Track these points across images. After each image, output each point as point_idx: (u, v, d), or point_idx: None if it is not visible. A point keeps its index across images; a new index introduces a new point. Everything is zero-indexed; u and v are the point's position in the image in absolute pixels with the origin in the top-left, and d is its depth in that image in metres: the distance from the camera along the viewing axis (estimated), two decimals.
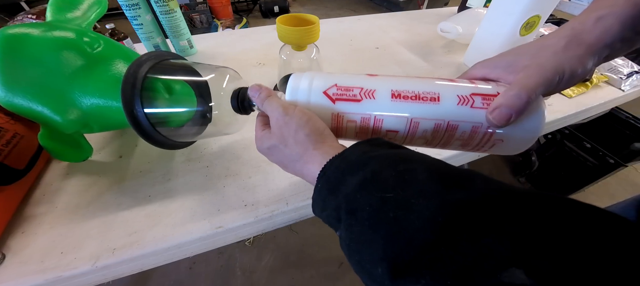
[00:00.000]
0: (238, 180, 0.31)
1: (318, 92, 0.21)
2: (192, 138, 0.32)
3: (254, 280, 0.87)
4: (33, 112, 0.26)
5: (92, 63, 0.28)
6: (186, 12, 2.09)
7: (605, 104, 0.47)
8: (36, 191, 0.30)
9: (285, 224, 0.30)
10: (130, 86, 0.23)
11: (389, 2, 2.98)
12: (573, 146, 0.98)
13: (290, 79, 0.22)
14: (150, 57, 0.27)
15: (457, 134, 0.20)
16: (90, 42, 0.29)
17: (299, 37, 0.36)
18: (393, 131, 0.21)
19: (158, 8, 0.49)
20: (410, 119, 0.20)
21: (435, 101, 0.19)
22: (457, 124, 0.19)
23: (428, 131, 0.20)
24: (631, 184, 1.18)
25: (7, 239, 0.26)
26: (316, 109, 0.21)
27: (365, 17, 0.78)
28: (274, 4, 2.53)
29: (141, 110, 0.24)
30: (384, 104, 0.20)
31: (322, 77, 0.22)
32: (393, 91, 0.20)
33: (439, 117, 0.19)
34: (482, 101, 0.19)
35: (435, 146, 0.22)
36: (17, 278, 0.23)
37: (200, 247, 0.28)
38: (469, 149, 0.21)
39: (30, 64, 0.26)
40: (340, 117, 0.21)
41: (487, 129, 0.19)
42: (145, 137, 0.25)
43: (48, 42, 0.27)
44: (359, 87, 0.20)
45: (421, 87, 0.20)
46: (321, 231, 1.00)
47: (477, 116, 0.19)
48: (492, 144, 0.20)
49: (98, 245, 0.25)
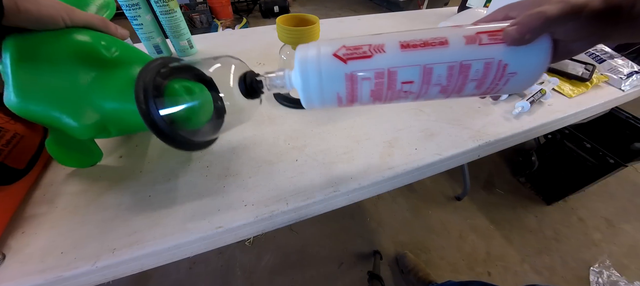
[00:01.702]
0: (238, 180, 0.31)
1: (328, 55, 0.21)
2: (212, 135, 0.32)
3: (254, 280, 0.87)
4: (49, 118, 0.25)
5: (111, 67, 0.27)
6: (186, 12, 2.09)
7: (605, 104, 0.47)
8: (36, 191, 0.30)
9: (285, 224, 0.30)
10: (142, 89, 0.23)
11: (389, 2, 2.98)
12: (573, 146, 0.98)
13: (297, 51, 0.22)
14: (156, 62, 0.27)
15: (471, 74, 0.20)
16: (107, 45, 0.28)
17: (299, 37, 0.36)
18: (408, 82, 0.21)
19: (158, 8, 0.49)
20: (423, 66, 0.20)
21: (444, 44, 0.19)
22: (469, 63, 0.19)
23: (442, 75, 0.20)
24: (631, 184, 1.18)
25: (7, 239, 0.26)
26: (328, 73, 0.21)
27: (365, 17, 0.78)
28: (274, 4, 2.53)
29: (157, 112, 0.24)
30: (394, 55, 0.20)
31: (328, 43, 0.22)
32: (401, 41, 0.20)
33: (450, 59, 0.19)
34: (489, 37, 0.19)
35: (452, 93, 0.22)
36: (17, 278, 0.23)
37: (200, 247, 0.28)
38: (484, 90, 0.21)
39: (46, 68, 0.25)
40: (354, 76, 0.21)
41: (499, 62, 0.19)
42: (165, 140, 0.25)
43: (64, 45, 0.26)
44: (367, 44, 0.20)
45: (427, 34, 0.20)
46: (321, 231, 1.00)
47: (488, 51, 0.19)
48: (506, 80, 0.20)
49: (98, 245, 0.25)
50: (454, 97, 0.22)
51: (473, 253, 0.95)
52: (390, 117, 0.40)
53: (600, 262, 0.92)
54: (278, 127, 0.38)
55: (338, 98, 0.22)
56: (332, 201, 0.31)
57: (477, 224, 1.03)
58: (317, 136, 0.37)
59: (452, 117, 0.40)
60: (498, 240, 0.99)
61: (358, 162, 0.33)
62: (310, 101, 0.23)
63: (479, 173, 1.21)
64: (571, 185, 1.03)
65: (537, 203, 1.11)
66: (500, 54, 0.19)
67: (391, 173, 0.32)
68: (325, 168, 0.33)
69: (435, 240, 0.98)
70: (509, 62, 0.19)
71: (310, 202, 0.29)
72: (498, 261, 0.93)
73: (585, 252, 0.96)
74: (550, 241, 0.99)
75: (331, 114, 0.41)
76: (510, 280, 0.89)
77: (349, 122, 0.39)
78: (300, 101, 0.24)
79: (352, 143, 0.36)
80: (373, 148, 0.35)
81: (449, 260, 0.93)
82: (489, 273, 0.91)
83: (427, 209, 1.08)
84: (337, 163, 0.33)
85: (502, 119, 0.41)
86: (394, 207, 1.09)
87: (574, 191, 1.04)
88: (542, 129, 0.42)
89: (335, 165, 0.33)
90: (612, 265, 0.91)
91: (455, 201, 1.11)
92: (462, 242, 0.98)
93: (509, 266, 0.92)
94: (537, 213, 1.07)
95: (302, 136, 0.37)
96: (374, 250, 0.93)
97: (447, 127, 0.38)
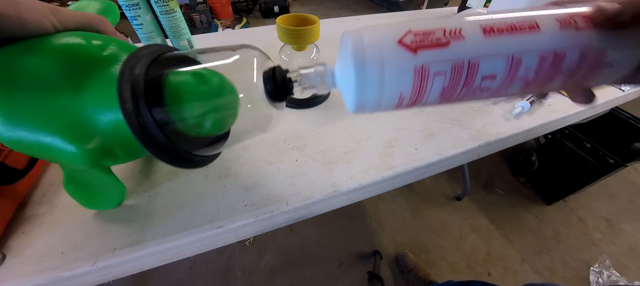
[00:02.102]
0: (238, 180, 0.31)
1: (391, 43, 0.16)
2: (220, 148, 0.25)
3: (254, 280, 0.87)
4: (42, 146, 0.21)
5: (106, 68, 0.21)
6: (186, 12, 2.09)
7: (605, 104, 0.47)
8: (36, 191, 0.30)
9: (285, 224, 0.30)
10: (129, 85, 0.18)
11: (389, 2, 2.98)
12: (573, 146, 0.98)
13: (347, 38, 0.18)
14: (150, 49, 0.22)
15: (563, 66, 0.16)
16: (102, 45, 0.23)
17: (299, 37, 0.36)
18: (490, 77, 0.17)
19: (158, 8, 0.49)
20: (510, 56, 0.16)
21: (535, 29, 0.16)
22: (564, 52, 0.16)
23: (531, 68, 0.16)
24: (631, 184, 1.18)
25: (8, 239, 0.26)
26: (393, 66, 0.16)
27: (365, 17, 0.78)
28: (274, 4, 2.53)
29: (149, 116, 0.18)
30: (477, 43, 0.16)
31: (388, 27, 0.17)
32: (483, 26, 0.16)
33: (543, 47, 0.16)
34: (585, 21, 0.16)
35: (534, 88, 0.18)
36: (18, 278, 0.23)
37: (200, 247, 0.28)
38: (570, 83, 0.18)
39: (31, 82, 0.20)
40: (425, 70, 0.16)
41: (598, 50, 0.16)
42: (157, 154, 0.19)
43: (49, 51, 0.20)
44: (441, 28, 0.16)
45: (512, 17, 0.16)
46: (321, 231, 1.00)
47: (585, 38, 0.16)
48: (597, 73, 0.17)
49: (98, 245, 0.25)
50: (530, 92, 0.19)
51: (473, 253, 0.95)
52: (390, 117, 0.40)
53: (600, 262, 0.92)
54: (278, 127, 0.38)
55: (400, 99, 0.18)
56: (332, 201, 0.31)
57: (477, 224, 1.03)
58: (317, 136, 0.37)
59: (452, 117, 0.40)
60: (498, 240, 0.99)
61: (358, 162, 0.33)
62: (362, 104, 0.18)
63: (479, 173, 1.21)
64: (571, 185, 1.03)
65: (537, 203, 1.11)
66: (598, 41, 0.16)
67: (391, 173, 0.32)
68: (325, 168, 0.33)
69: (435, 240, 0.98)
70: (607, 51, 0.16)
71: (310, 202, 0.29)
72: (498, 261, 0.93)
73: (585, 252, 0.96)
74: (550, 241, 0.99)
75: (331, 114, 0.41)
76: (510, 280, 0.89)
77: (349, 122, 0.39)
78: (348, 104, 0.19)
79: (352, 143, 0.36)
80: (373, 148, 0.35)
81: (449, 260, 0.93)
82: (489, 273, 0.91)
83: (427, 209, 1.08)
84: (337, 163, 0.33)
85: (502, 119, 0.41)
86: (394, 207, 1.09)
87: (574, 191, 1.04)
88: (542, 129, 0.42)
89: (335, 165, 0.33)
90: (612, 265, 0.91)
91: (455, 201, 1.11)
92: (462, 242, 0.98)
93: (509, 266, 0.92)
94: (537, 213, 1.07)
95: (302, 136, 0.37)
96: (374, 250, 0.93)
97: (447, 127, 0.38)
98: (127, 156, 0.25)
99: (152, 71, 0.20)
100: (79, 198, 0.26)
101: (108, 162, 0.24)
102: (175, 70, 0.21)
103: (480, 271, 0.91)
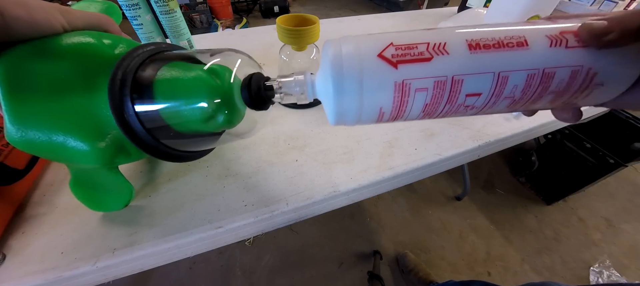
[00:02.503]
0: (238, 180, 0.31)
1: (371, 56, 0.16)
2: (204, 146, 0.27)
3: (254, 280, 0.87)
4: (56, 147, 0.21)
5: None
6: (186, 12, 2.09)
7: None
8: (36, 191, 0.30)
9: (285, 224, 0.30)
10: (119, 84, 0.19)
11: (389, 2, 2.98)
12: (573, 146, 0.98)
13: (327, 48, 0.17)
14: (146, 49, 0.23)
15: (552, 86, 0.16)
16: (113, 43, 0.23)
17: (299, 37, 0.36)
18: (474, 95, 0.16)
19: (158, 8, 0.49)
20: (497, 74, 0.15)
21: (523, 46, 0.15)
22: (553, 71, 0.15)
23: (518, 86, 0.16)
24: (631, 184, 1.18)
25: (8, 239, 0.26)
26: (371, 81, 0.16)
27: (365, 17, 0.78)
28: (274, 4, 2.53)
29: (132, 111, 0.20)
30: (461, 59, 0.15)
31: (370, 38, 0.17)
32: (469, 40, 0.15)
33: (531, 66, 0.15)
34: (576, 39, 0.15)
35: (521, 107, 0.17)
36: (18, 278, 0.23)
37: (200, 247, 0.28)
38: (559, 102, 0.17)
39: (44, 83, 0.20)
40: (406, 85, 0.16)
41: (588, 69, 0.15)
42: (141, 146, 0.21)
43: (62, 52, 0.21)
44: (424, 43, 0.16)
45: (499, 32, 0.16)
46: (321, 231, 1.00)
47: (575, 57, 0.15)
48: (589, 93, 0.16)
49: (98, 245, 0.25)
50: (517, 110, 0.18)
51: (473, 253, 0.95)
52: None
53: (600, 262, 0.92)
54: (278, 128, 0.38)
55: (380, 113, 0.17)
56: (332, 201, 0.31)
57: (477, 224, 1.03)
58: (317, 136, 0.37)
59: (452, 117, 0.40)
60: (498, 240, 0.99)
61: (358, 162, 0.33)
62: (341, 117, 0.18)
63: (479, 173, 1.21)
64: (571, 185, 1.03)
65: (537, 203, 1.11)
66: (590, 60, 0.15)
67: (391, 173, 0.32)
68: (325, 168, 0.33)
69: (435, 240, 0.98)
70: (599, 71, 0.15)
71: (310, 202, 0.29)
72: (498, 261, 0.93)
73: (585, 252, 0.96)
74: (550, 241, 0.99)
75: None
76: (510, 280, 0.89)
77: None
78: (328, 115, 0.19)
79: (352, 143, 0.36)
80: (373, 148, 0.35)
81: (449, 260, 0.93)
82: (489, 273, 0.91)
83: (427, 209, 1.08)
84: (337, 163, 0.33)
85: (502, 119, 0.41)
86: (394, 207, 1.09)
87: (574, 191, 1.04)
88: (542, 129, 0.42)
89: (335, 165, 0.33)
90: (612, 265, 0.91)
91: (455, 201, 1.11)
92: (462, 242, 0.98)
93: (509, 266, 0.92)
94: (537, 213, 1.07)
95: (302, 136, 0.37)
96: (374, 250, 0.93)
97: (447, 127, 0.38)
98: (139, 154, 0.25)
99: (145, 69, 0.21)
100: (86, 200, 0.25)
101: (121, 160, 0.24)
102: (165, 69, 0.22)
103: (480, 271, 0.91)
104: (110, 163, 0.23)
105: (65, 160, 0.23)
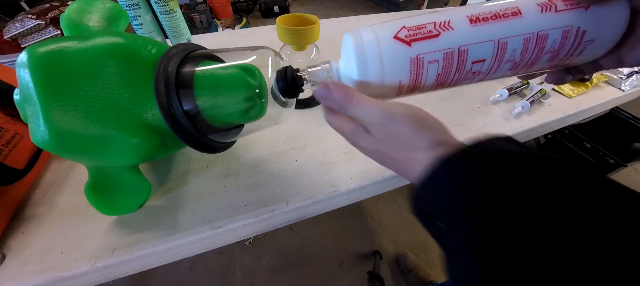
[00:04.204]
0: (238, 180, 0.31)
1: (388, 39, 0.18)
2: (235, 136, 0.28)
3: (254, 280, 0.87)
4: (95, 145, 0.21)
5: (153, 66, 0.22)
6: (186, 12, 2.09)
7: (605, 104, 0.47)
8: (36, 191, 0.30)
9: (285, 224, 0.30)
10: (164, 82, 0.20)
11: (389, 2, 2.98)
12: (573, 146, 0.98)
13: (348, 38, 0.20)
14: (179, 49, 0.24)
15: (547, 46, 0.18)
16: (144, 43, 0.23)
17: (299, 37, 0.36)
18: (479, 61, 0.19)
19: (158, 8, 0.49)
20: (497, 41, 0.18)
21: (517, 15, 0.18)
22: (546, 34, 0.18)
23: (517, 50, 0.18)
24: (631, 184, 1.18)
25: (7, 239, 0.26)
26: (391, 59, 0.19)
27: (365, 17, 0.78)
28: (274, 4, 2.53)
29: (178, 106, 0.21)
30: (464, 32, 0.18)
31: (384, 24, 0.19)
32: (469, 16, 0.18)
33: (526, 31, 0.18)
34: (564, 2, 0.17)
35: (522, 68, 0.20)
36: (17, 278, 0.23)
37: (200, 247, 0.28)
38: (556, 63, 0.20)
39: (83, 82, 0.20)
40: (420, 60, 0.18)
41: (577, 29, 0.17)
42: (187, 140, 0.22)
43: (101, 50, 0.21)
44: (431, 22, 0.18)
45: (496, 5, 0.18)
46: (321, 231, 1.00)
47: (565, 19, 0.17)
48: (582, 49, 0.19)
49: (98, 245, 0.25)
50: (521, 73, 0.21)
51: None
52: None
53: None
54: (278, 127, 0.38)
55: (399, 87, 0.20)
56: (332, 201, 0.31)
57: None
58: (317, 136, 0.37)
59: (452, 117, 0.40)
60: None
61: (358, 162, 0.33)
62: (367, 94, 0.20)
63: None
64: None
65: None
66: (578, 21, 0.17)
67: (391, 172, 0.32)
68: (325, 168, 0.33)
69: None
70: (587, 29, 0.17)
71: (310, 202, 0.29)
72: None
73: None
74: None
75: None
76: None
77: None
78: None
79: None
80: None
81: None
82: None
83: None
84: (337, 163, 0.33)
85: (502, 119, 0.41)
86: (394, 207, 1.08)
87: None
88: (542, 129, 0.42)
89: (335, 165, 0.33)
90: None
91: None
92: None
93: None
94: None
95: (302, 136, 0.37)
96: (374, 250, 0.93)
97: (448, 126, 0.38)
98: (177, 147, 0.27)
99: (184, 67, 0.22)
100: (101, 204, 0.25)
101: (160, 154, 0.25)
102: (205, 67, 0.23)
103: None
104: (150, 158, 0.24)
105: (102, 160, 0.23)
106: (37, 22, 1.02)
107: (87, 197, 0.24)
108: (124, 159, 0.22)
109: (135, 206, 0.26)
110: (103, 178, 0.25)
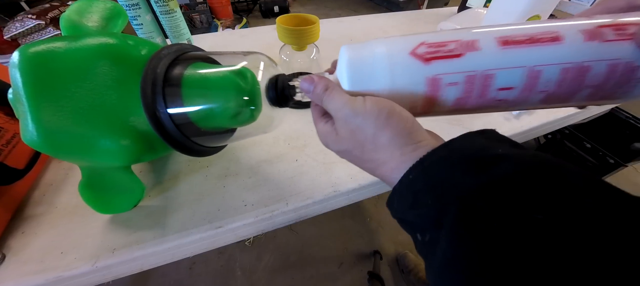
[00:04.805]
0: (238, 180, 0.31)
1: (403, 55, 0.17)
2: (224, 141, 0.28)
3: (254, 280, 0.87)
4: (83, 146, 0.21)
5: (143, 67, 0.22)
6: (186, 12, 2.09)
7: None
8: (36, 191, 0.30)
9: (285, 224, 0.30)
10: (151, 83, 0.20)
11: (389, 2, 2.97)
12: (573, 146, 0.98)
13: (351, 50, 0.18)
14: (171, 50, 0.24)
15: (587, 80, 0.16)
16: (136, 44, 0.23)
17: (299, 37, 0.36)
18: (507, 88, 0.17)
19: (158, 8, 0.49)
20: (529, 68, 0.16)
21: (558, 40, 0.15)
22: (589, 65, 0.15)
23: (552, 81, 0.16)
24: (631, 184, 1.18)
25: (7, 239, 0.26)
26: (403, 77, 0.17)
27: (365, 17, 0.78)
28: (274, 4, 2.52)
29: (164, 109, 0.20)
30: (492, 54, 0.16)
31: (400, 39, 0.18)
32: (500, 37, 0.16)
33: (565, 60, 0.15)
34: (615, 32, 0.15)
35: (555, 102, 0.17)
36: (17, 278, 0.23)
37: (200, 247, 0.28)
38: (596, 99, 0.17)
39: (72, 82, 0.20)
40: (437, 81, 0.17)
41: (627, 63, 0.15)
42: (171, 143, 0.22)
43: (91, 51, 0.21)
44: (455, 40, 0.16)
45: (533, 28, 0.16)
46: (321, 231, 1.00)
47: (613, 50, 0.15)
48: (630, 87, 0.16)
49: (98, 245, 0.25)
50: (554, 106, 0.18)
51: None
52: None
53: None
54: (278, 127, 0.38)
55: (411, 107, 0.18)
56: (332, 201, 0.31)
57: None
58: (317, 136, 0.37)
59: (452, 117, 0.40)
60: None
61: None
62: None
63: None
64: None
65: None
66: (629, 54, 0.15)
67: None
68: (325, 168, 0.33)
69: None
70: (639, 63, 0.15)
71: (310, 202, 0.29)
72: None
73: None
74: None
75: None
76: None
77: None
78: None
79: None
80: None
81: None
82: None
83: None
84: (337, 163, 0.33)
85: (502, 119, 0.41)
86: None
87: None
88: (542, 129, 0.42)
89: (335, 165, 0.33)
90: None
91: None
92: None
93: None
94: None
95: (302, 136, 0.37)
96: (374, 250, 0.93)
97: (447, 127, 0.38)
98: (165, 150, 0.26)
99: (174, 69, 0.22)
100: (95, 202, 0.25)
101: (147, 157, 0.25)
102: (195, 70, 0.22)
103: None
104: (138, 160, 0.24)
105: (90, 160, 0.23)
106: (37, 22, 1.02)
107: (82, 195, 0.24)
108: (112, 160, 0.22)
109: (129, 205, 0.26)
110: (95, 177, 0.25)
